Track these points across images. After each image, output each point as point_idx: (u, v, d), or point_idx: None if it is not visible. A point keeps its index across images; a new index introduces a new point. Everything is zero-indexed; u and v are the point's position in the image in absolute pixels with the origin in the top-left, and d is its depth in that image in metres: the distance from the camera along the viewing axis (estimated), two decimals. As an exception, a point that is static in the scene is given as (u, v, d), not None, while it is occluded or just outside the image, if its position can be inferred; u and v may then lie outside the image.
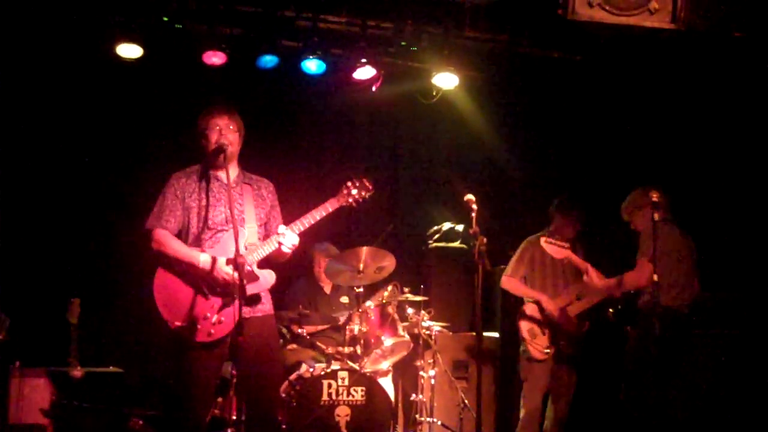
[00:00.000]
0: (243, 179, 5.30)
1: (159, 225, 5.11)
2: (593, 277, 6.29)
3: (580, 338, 6.78)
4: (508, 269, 6.94)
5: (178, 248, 5.07)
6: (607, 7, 5.46)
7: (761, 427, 6.16)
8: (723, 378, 6.23)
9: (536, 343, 6.75)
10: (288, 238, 5.15)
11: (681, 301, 6.05)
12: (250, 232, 5.17)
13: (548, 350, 6.71)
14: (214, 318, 5.00)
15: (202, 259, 5.02)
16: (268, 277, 5.20)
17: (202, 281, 5.05)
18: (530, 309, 6.84)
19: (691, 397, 6.01)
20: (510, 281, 6.92)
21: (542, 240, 6.41)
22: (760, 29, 5.83)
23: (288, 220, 5.26)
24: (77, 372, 5.97)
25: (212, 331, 4.99)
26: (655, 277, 5.55)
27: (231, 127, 5.17)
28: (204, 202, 5.13)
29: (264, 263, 5.19)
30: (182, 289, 5.04)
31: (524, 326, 6.81)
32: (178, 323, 4.97)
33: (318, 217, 5.25)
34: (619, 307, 6.58)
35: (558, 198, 6.97)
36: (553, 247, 6.36)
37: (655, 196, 5.62)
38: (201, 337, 4.99)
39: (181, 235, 5.17)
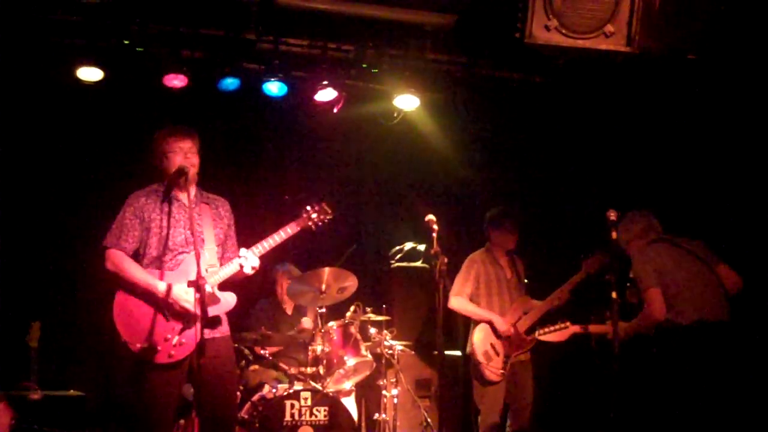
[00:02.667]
0: (201, 198, 5.32)
1: (116, 245, 5.10)
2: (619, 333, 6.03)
3: (530, 348, 6.79)
4: (453, 288, 6.83)
5: (134, 272, 5.06)
6: (564, 31, 5.55)
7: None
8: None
9: (491, 366, 6.69)
10: (249, 261, 5.19)
11: (690, 319, 5.78)
12: (210, 253, 5.18)
13: (503, 370, 6.70)
14: (175, 339, 5.00)
15: (161, 288, 5.01)
16: (229, 299, 5.22)
17: (162, 303, 5.04)
18: (483, 331, 6.78)
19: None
20: (457, 300, 6.83)
21: (537, 334, 6.52)
22: (712, 52, 5.96)
23: (249, 242, 5.29)
24: (35, 395, 5.92)
25: (173, 352, 4.99)
26: (614, 295, 5.41)
27: (193, 150, 5.20)
28: (164, 223, 5.14)
29: (223, 285, 5.21)
30: (142, 310, 5.03)
31: (479, 349, 6.74)
32: (139, 345, 4.95)
33: (279, 240, 5.31)
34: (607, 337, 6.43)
35: (489, 212, 7.05)
36: (554, 335, 6.48)
37: (612, 215, 5.51)
38: (162, 359, 4.98)
39: (139, 255, 5.16)
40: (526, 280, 7.04)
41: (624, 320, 5.91)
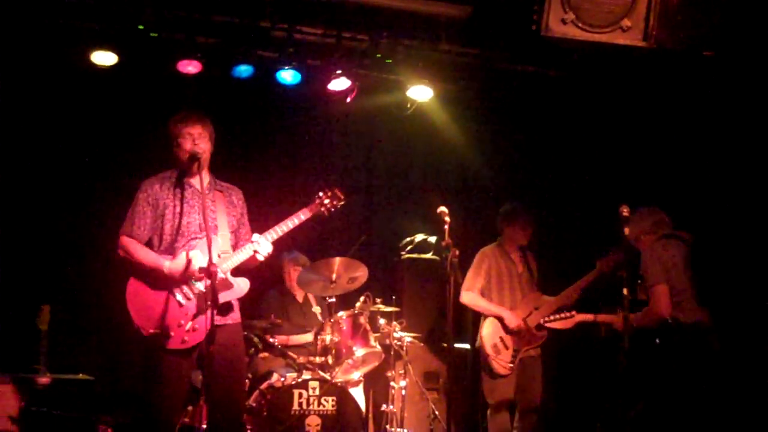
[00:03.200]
0: (215, 186, 5.32)
1: (129, 232, 5.12)
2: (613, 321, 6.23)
3: (540, 344, 6.82)
4: (465, 283, 6.82)
5: (143, 255, 5.08)
6: (580, 24, 5.54)
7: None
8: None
9: (500, 359, 6.71)
10: (263, 247, 5.19)
11: (694, 318, 5.86)
12: (223, 239, 5.18)
13: (512, 364, 6.72)
14: (188, 325, 5.00)
15: (167, 264, 5.02)
16: (242, 284, 5.22)
17: (175, 287, 5.04)
18: (492, 324, 6.80)
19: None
20: (469, 296, 6.83)
21: (542, 321, 6.56)
22: (728, 48, 5.93)
23: (262, 229, 5.30)
24: (44, 379, 5.94)
25: (186, 338, 4.99)
26: (625, 291, 5.49)
27: (203, 135, 5.19)
28: (178, 210, 5.14)
29: (236, 271, 5.21)
30: (155, 296, 5.04)
31: (488, 342, 6.77)
32: (151, 330, 4.97)
33: (291, 226, 5.31)
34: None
35: (503, 207, 7.03)
36: (560, 322, 6.52)
37: (624, 211, 5.55)
38: (175, 344, 4.99)
39: (153, 242, 5.17)
40: (537, 276, 7.02)
41: (630, 312, 5.81)
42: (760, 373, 6.30)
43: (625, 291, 5.49)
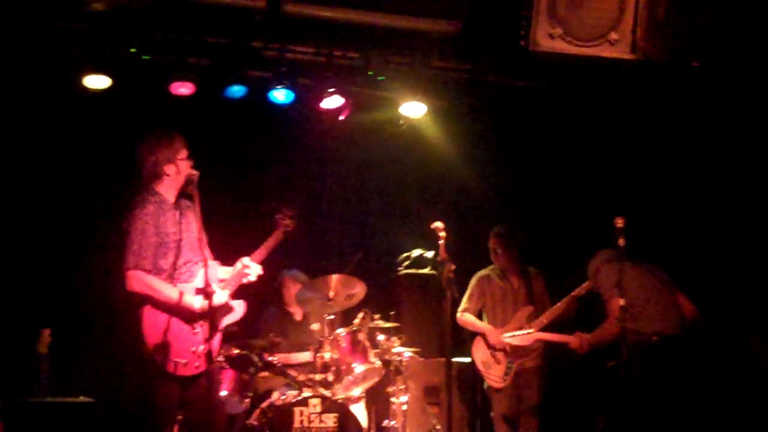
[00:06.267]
0: (184, 204, 5.30)
1: (137, 265, 4.99)
2: (582, 343, 6.40)
3: (537, 356, 6.91)
4: (461, 305, 7.08)
5: (168, 293, 5.00)
6: (568, 39, 5.58)
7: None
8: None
9: (492, 374, 6.93)
10: (253, 269, 5.24)
11: (653, 330, 6.08)
12: (212, 265, 5.20)
13: (506, 377, 6.85)
14: (200, 349, 4.99)
15: (197, 305, 5.02)
16: (239, 308, 5.26)
17: (188, 314, 5.04)
18: (480, 341, 7.04)
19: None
20: (460, 317, 7.07)
21: (503, 337, 6.73)
22: (716, 60, 5.97)
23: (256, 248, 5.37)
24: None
25: (197, 363, 4.99)
26: (622, 302, 5.63)
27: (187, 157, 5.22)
28: (177, 236, 5.12)
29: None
30: (174, 325, 5.01)
31: (478, 358, 7.03)
32: (174, 359, 4.94)
33: (270, 247, 5.51)
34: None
35: (492, 230, 7.16)
36: (518, 338, 6.68)
37: (619, 222, 5.66)
38: (190, 371, 5.00)
39: (155, 267, 5.11)
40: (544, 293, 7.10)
41: (586, 332, 6.34)
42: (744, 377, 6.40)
43: (621, 301, 5.58)
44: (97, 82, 6.74)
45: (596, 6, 5.58)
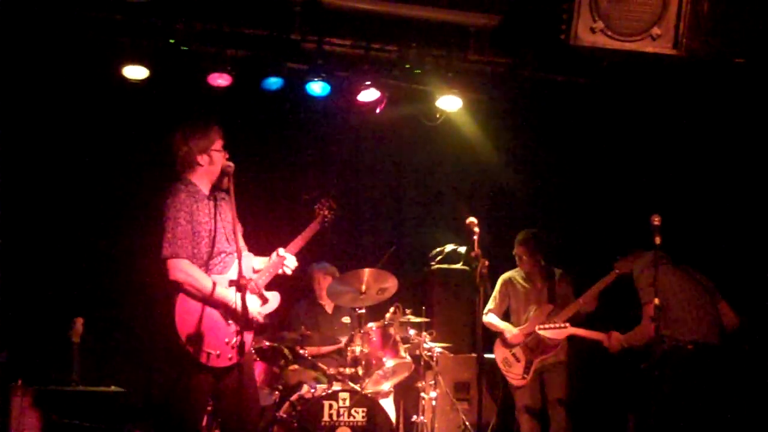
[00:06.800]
0: (220, 197, 5.26)
1: (179, 254, 4.93)
2: (615, 339, 6.36)
3: (557, 352, 6.86)
4: (486, 306, 7.09)
5: (206, 284, 4.95)
6: (609, 33, 5.52)
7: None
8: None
9: (512, 372, 6.96)
10: (289, 261, 5.23)
11: (689, 337, 6.02)
12: (247, 256, 5.19)
13: (526, 375, 6.87)
14: (234, 340, 4.96)
15: (231, 299, 4.96)
16: (274, 299, 5.23)
17: (222, 306, 5.02)
18: (501, 339, 7.06)
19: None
20: (485, 317, 7.04)
21: (537, 329, 6.62)
22: (760, 55, 5.87)
23: (289, 239, 5.37)
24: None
25: (230, 355, 4.97)
26: (656, 301, 5.59)
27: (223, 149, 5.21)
28: (211, 226, 5.09)
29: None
30: (207, 316, 4.95)
31: (499, 357, 7.06)
32: (203, 350, 4.88)
33: (306, 239, 5.47)
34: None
35: (516, 238, 7.11)
36: (551, 332, 6.56)
37: (656, 220, 5.62)
38: (223, 363, 4.96)
39: (192, 256, 5.03)
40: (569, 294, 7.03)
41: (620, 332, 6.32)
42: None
43: (656, 300, 5.53)
44: (135, 72, 6.77)
45: (639, 0, 5.51)
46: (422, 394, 6.89)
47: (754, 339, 6.20)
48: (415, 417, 6.93)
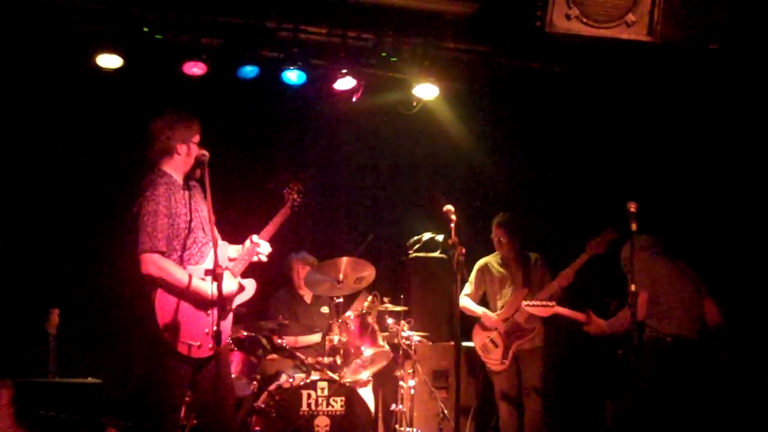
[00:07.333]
0: (195, 185, 5.24)
1: (154, 248, 4.88)
2: (595, 322, 6.40)
3: (534, 337, 6.88)
4: (462, 291, 7.09)
5: (180, 277, 4.90)
6: (585, 20, 5.52)
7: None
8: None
9: (491, 357, 6.96)
10: (263, 247, 5.22)
11: (669, 331, 6.09)
12: (222, 245, 5.16)
13: (505, 360, 6.88)
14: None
15: (209, 291, 4.90)
16: (250, 286, 5.21)
17: (200, 298, 4.98)
18: (479, 325, 7.07)
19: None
20: (461, 300, 7.00)
21: (523, 304, 6.62)
22: (734, 41, 5.89)
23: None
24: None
25: (211, 345, 4.93)
26: (633, 287, 5.58)
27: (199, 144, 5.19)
28: (188, 217, 5.05)
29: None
30: (186, 308, 4.93)
31: (477, 343, 7.06)
32: (188, 342, 4.88)
33: (278, 224, 5.47)
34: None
35: (494, 221, 7.14)
36: (537, 309, 6.56)
37: (632, 207, 5.59)
38: (204, 353, 4.94)
39: (169, 248, 4.99)
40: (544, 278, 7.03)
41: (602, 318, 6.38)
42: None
43: (632, 287, 5.54)
44: (109, 61, 6.73)
45: (614, -13, 5.53)
46: (401, 383, 6.91)
47: (729, 334, 6.24)
48: (393, 406, 6.94)
